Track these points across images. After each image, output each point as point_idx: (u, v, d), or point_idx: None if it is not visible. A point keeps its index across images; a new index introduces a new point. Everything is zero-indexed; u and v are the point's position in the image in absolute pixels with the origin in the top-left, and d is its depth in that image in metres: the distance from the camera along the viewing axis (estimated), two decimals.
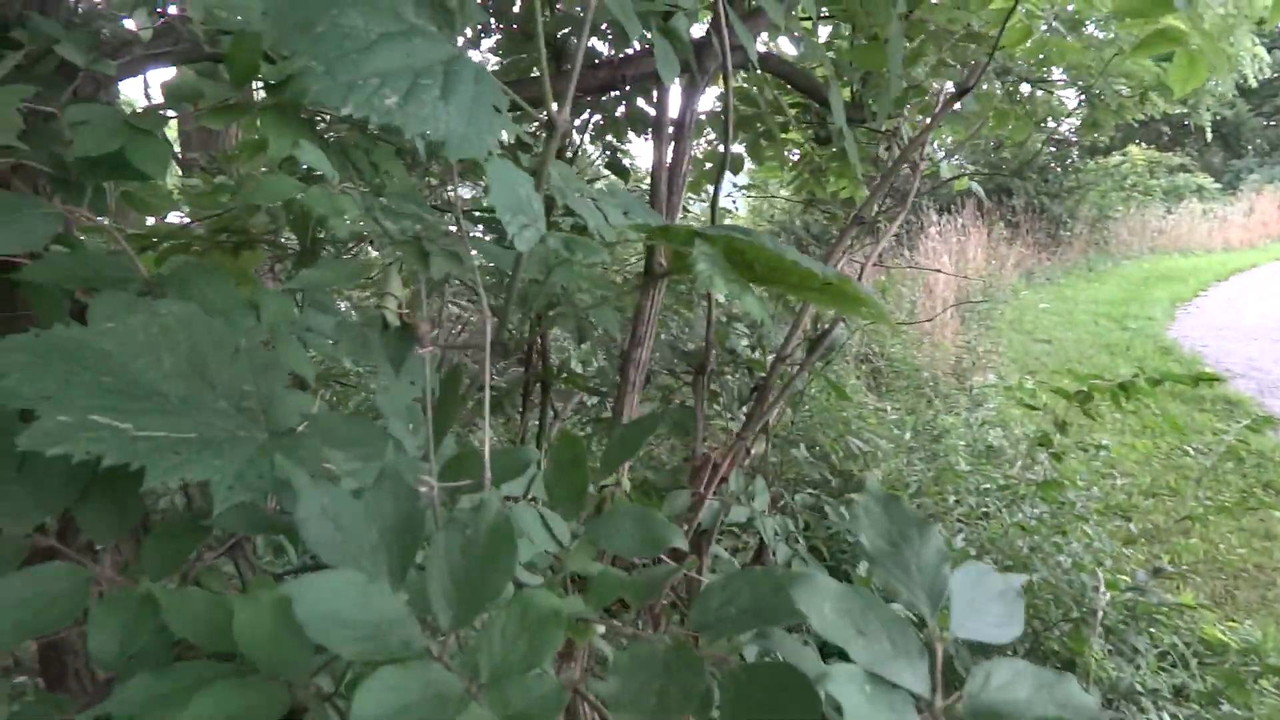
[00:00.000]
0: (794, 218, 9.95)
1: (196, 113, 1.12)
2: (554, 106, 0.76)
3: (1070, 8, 3.36)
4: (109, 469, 0.65)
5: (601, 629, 0.74)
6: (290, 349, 1.05)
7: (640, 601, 0.72)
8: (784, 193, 8.13)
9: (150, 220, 1.81)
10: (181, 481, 0.69)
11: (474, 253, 1.17)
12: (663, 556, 1.29)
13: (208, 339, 0.79)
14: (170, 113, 1.23)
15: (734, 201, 6.81)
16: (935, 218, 11.37)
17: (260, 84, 1.16)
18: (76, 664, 1.51)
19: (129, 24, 1.34)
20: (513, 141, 2.03)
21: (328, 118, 1.64)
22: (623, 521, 0.81)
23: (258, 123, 1.25)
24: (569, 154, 2.58)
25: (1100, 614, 2.86)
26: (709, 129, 3.46)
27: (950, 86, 3.36)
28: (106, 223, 1.00)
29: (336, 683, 0.94)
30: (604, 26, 2.07)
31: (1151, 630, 3.29)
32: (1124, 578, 3.45)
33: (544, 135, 2.36)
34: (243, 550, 0.99)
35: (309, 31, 0.62)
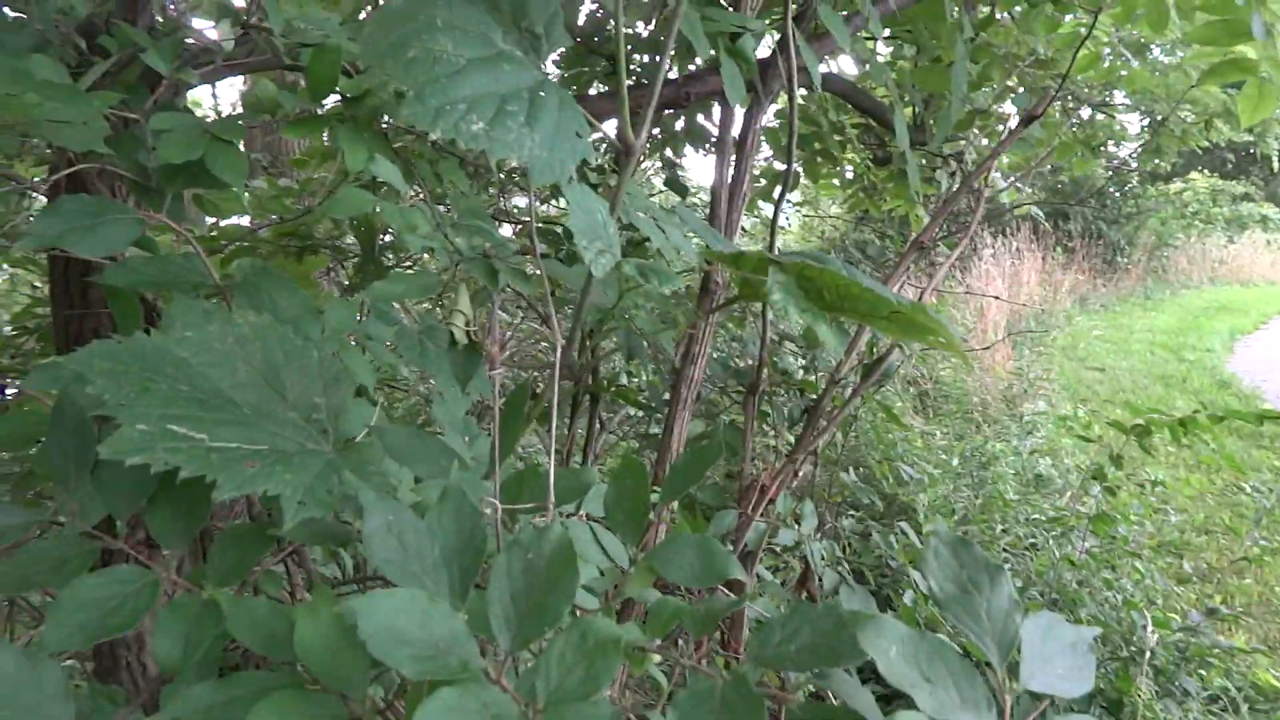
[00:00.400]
0: (845, 236, 9.88)
1: (275, 123, 1.14)
2: (630, 132, 0.77)
3: (1136, 33, 3.31)
4: (173, 475, 0.66)
5: (657, 658, 0.74)
6: (352, 357, 1.07)
7: (699, 632, 0.72)
8: (835, 210, 8.10)
9: (209, 220, 1.85)
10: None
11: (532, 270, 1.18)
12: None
13: (280, 350, 0.81)
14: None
15: (786, 218, 6.79)
16: (990, 240, 11.22)
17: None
18: (129, 656, 1.54)
19: (209, 32, 1.37)
20: None
21: (392, 126, 1.67)
22: (683, 550, 0.80)
23: (325, 133, 1.27)
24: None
25: (1149, 654, 2.79)
26: (763, 142, 3.45)
27: (1010, 109, 3.33)
28: (183, 228, 1.02)
29: (388, 693, 0.94)
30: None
31: (1202, 672, 3.20)
32: (1174, 616, 3.36)
33: (612, 155, 2.37)
34: (301, 556, 1.01)
35: (401, 56, 0.63)
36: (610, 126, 2.19)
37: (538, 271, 1.12)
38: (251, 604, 0.75)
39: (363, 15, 2.23)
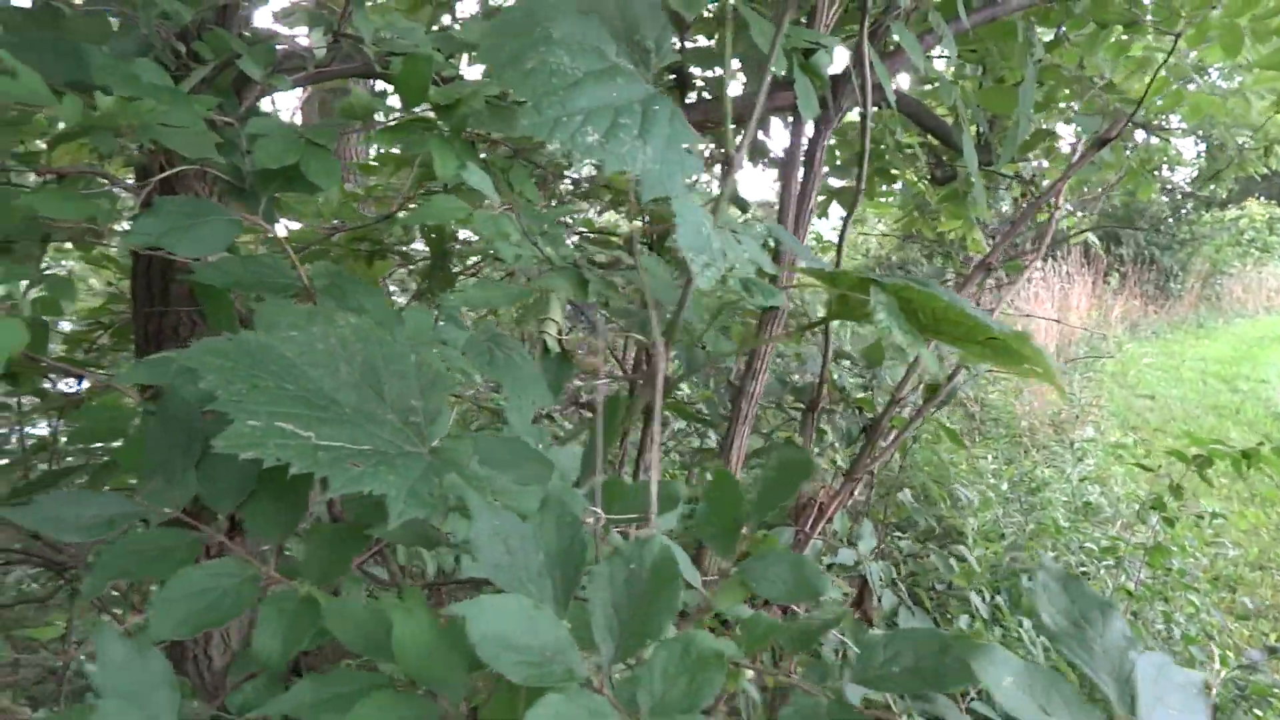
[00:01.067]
0: (890, 254, 9.79)
1: (366, 131, 1.16)
2: (732, 145, 0.77)
3: (1193, 55, 3.25)
4: (276, 471, 0.67)
5: (750, 674, 0.74)
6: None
7: (796, 649, 0.71)
8: (881, 227, 8.05)
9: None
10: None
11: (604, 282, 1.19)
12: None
13: (379, 352, 0.81)
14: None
15: (840, 235, 6.74)
16: (1039, 263, 11.06)
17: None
18: (195, 649, 1.56)
19: (300, 39, 1.40)
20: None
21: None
22: (776, 566, 0.80)
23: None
24: None
25: (1213, 691, 2.72)
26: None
27: (1073, 132, 3.28)
28: (276, 230, 1.04)
29: (470, 699, 0.95)
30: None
31: (1258, 711, 3.12)
32: (1228, 653, 3.28)
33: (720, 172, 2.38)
34: (384, 556, 1.02)
35: (519, 67, 0.64)
36: None
37: (616, 280, 1.12)
38: (349, 603, 0.76)
39: (435, 27, 2.26)
